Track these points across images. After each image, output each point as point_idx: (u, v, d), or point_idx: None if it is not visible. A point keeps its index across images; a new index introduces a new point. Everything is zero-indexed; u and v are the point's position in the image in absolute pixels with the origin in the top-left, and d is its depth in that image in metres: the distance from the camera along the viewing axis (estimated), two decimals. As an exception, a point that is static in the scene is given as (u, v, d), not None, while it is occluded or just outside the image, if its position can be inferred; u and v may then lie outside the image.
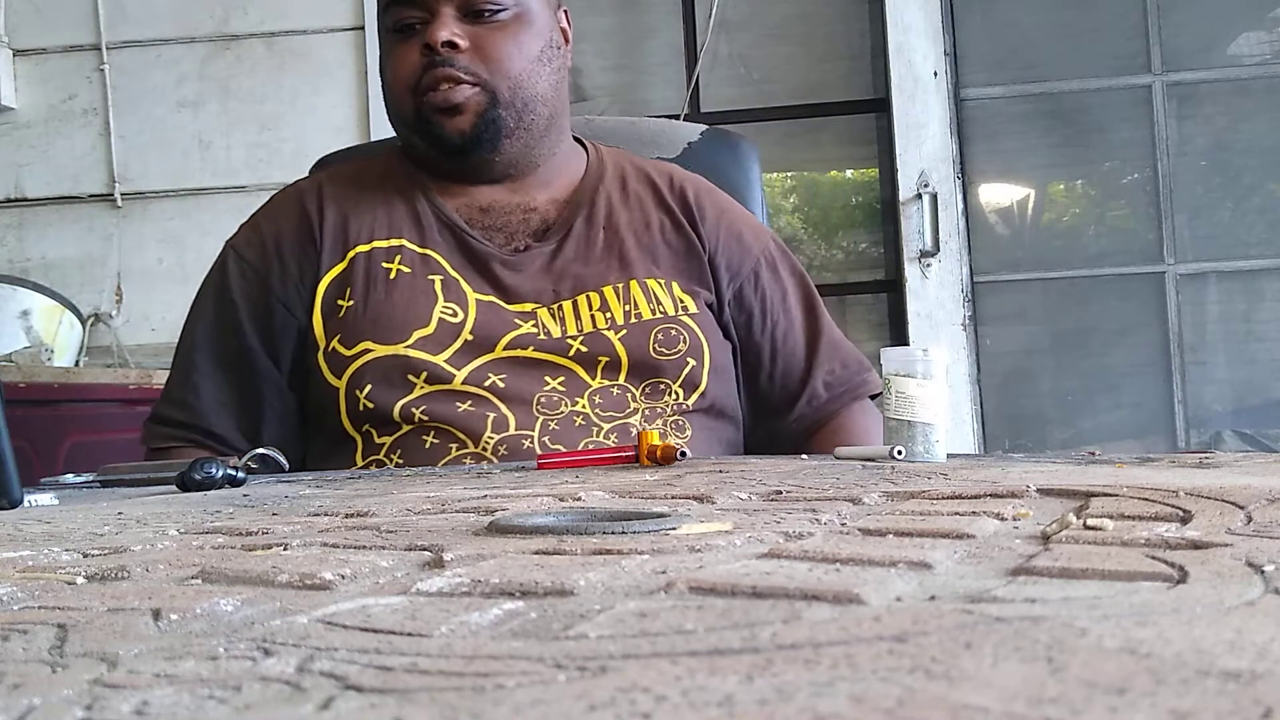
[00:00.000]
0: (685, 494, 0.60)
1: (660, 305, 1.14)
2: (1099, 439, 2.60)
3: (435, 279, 1.14)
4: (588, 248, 1.17)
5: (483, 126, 1.13)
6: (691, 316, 1.15)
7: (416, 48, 1.12)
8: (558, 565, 0.37)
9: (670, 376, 1.12)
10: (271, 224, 1.20)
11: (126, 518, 0.61)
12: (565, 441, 1.07)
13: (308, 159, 2.65)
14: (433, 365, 1.09)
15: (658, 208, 1.22)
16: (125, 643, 0.29)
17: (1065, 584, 0.32)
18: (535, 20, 1.15)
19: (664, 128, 1.47)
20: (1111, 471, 0.64)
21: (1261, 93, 2.58)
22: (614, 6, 2.76)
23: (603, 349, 1.11)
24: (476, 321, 1.12)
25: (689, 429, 1.13)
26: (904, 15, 2.58)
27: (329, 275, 1.15)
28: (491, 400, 1.08)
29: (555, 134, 1.20)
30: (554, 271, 1.16)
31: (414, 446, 1.09)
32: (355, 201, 1.19)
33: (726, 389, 1.18)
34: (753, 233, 1.24)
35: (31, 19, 2.74)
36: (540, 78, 1.15)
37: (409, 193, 1.20)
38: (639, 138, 1.44)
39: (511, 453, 1.06)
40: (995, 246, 2.65)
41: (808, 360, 1.21)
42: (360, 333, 1.11)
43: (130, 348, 2.65)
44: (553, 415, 1.09)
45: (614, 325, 1.13)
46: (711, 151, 1.42)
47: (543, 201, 1.20)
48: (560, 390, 1.10)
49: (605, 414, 1.10)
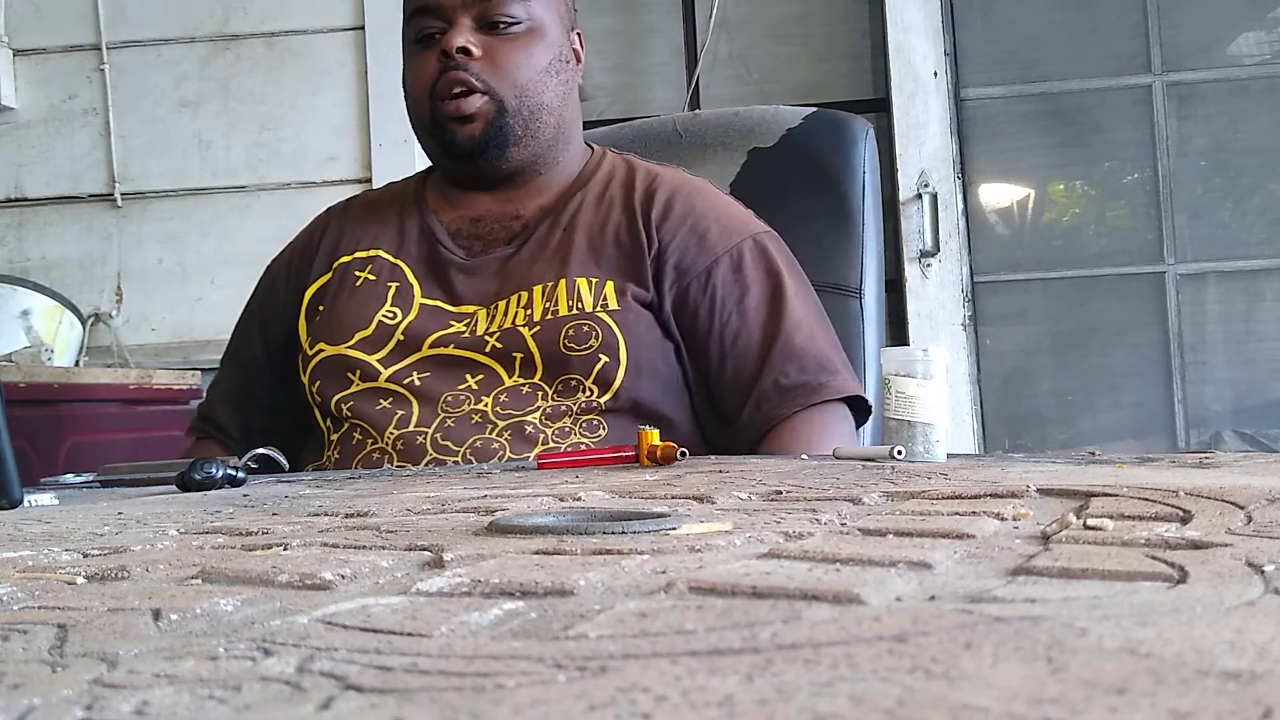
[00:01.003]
0: (685, 494, 0.60)
1: (579, 303, 1.15)
2: (1099, 439, 2.60)
3: (392, 285, 1.22)
4: (541, 250, 1.20)
5: (492, 133, 1.19)
6: (610, 314, 1.14)
7: (434, 55, 1.19)
8: (558, 565, 0.37)
9: (580, 372, 1.12)
10: (295, 242, 1.36)
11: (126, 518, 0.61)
12: (454, 438, 1.11)
13: (308, 159, 2.67)
14: (365, 363, 1.17)
15: (623, 209, 1.22)
16: (125, 643, 0.29)
17: (1065, 584, 0.32)
18: (547, 35, 1.21)
19: (766, 114, 1.40)
20: (1111, 471, 0.64)
21: (1261, 93, 2.58)
22: (614, 6, 2.76)
23: (516, 345, 1.14)
24: (411, 323, 1.18)
25: (604, 429, 1.12)
26: (904, 15, 2.58)
27: (315, 284, 1.27)
28: (407, 398, 1.14)
29: (562, 143, 1.25)
30: (503, 274, 1.20)
31: (346, 443, 1.16)
32: (357, 218, 1.31)
33: (654, 390, 1.15)
34: (722, 232, 1.20)
35: (31, 19, 2.74)
36: (547, 88, 1.21)
37: (407, 210, 1.29)
38: (739, 127, 1.39)
39: (407, 448, 1.11)
40: (995, 246, 2.65)
41: (759, 363, 1.16)
42: (320, 335, 1.22)
43: (130, 348, 2.65)
44: (453, 413, 1.12)
45: (530, 322, 1.15)
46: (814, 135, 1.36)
47: (530, 209, 1.24)
48: (472, 389, 1.14)
49: (505, 412, 1.12)
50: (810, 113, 1.39)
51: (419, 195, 1.30)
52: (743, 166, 1.33)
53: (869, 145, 1.38)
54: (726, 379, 1.17)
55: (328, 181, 2.63)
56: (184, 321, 2.64)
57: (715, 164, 1.40)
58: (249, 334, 1.34)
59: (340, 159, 2.64)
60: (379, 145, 2.60)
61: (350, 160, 2.63)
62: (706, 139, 1.35)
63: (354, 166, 2.61)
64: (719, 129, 1.38)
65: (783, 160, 1.31)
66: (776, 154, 1.32)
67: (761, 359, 1.16)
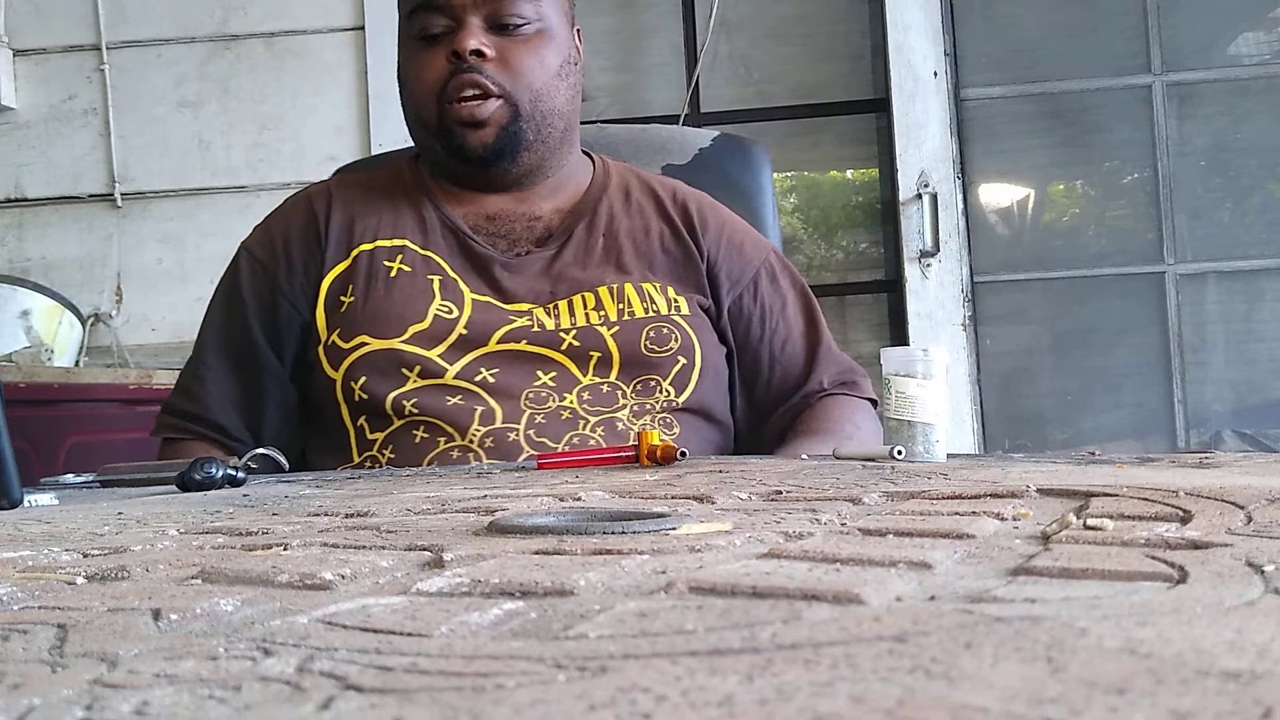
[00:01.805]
0: (685, 494, 0.60)
1: (654, 305, 1.17)
2: (1099, 439, 2.60)
3: (434, 279, 1.17)
4: (587, 253, 1.20)
5: (504, 139, 1.16)
6: (684, 317, 1.17)
7: (442, 55, 1.14)
8: (558, 565, 0.37)
9: (661, 373, 1.14)
10: (281, 225, 1.25)
11: (126, 518, 0.61)
12: (550, 435, 1.09)
13: (308, 159, 2.67)
14: (426, 359, 1.12)
15: (659, 217, 1.24)
16: (125, 643, 0.29)
17: (1065, 584, 0.32)
18: (556, 36, 1.18)
19: (675, 134, 1.48)
20: (1111, 471, 0.64)
21: (1261, 93, 2.58)
22: (614, 6, 2.76)
23: (595, 344, 1.13)
24: (471, 318, 1.14)
25: (677, 427, 1.14)
26: (904, 15, 2.58)
27: (333, 272, 1.19)
28: (481, 394, 1.11)
29: (568, 146, 1.24)
30: (552, 274, 1.18)
31: (405, 441, 1.11)
32: (363, 204, 1.24)
33: (717, 393, 1.20)
34: (754, 245, 1.27)
35: (31, 19, 2.74)
36: (559, 92, 1.19)
37: (416, 199, 1.24)
38: (649, 144, 1.44)
39: (497, 445, 1.08)
40: (995, 246, 2.65)
41: (807, 366, 1.24)
42: (358, 326, 1.15)
43: (130, 348, 2.65)
44: (540, 409, 1.11)
45: (607, 322, 1.15)
46: (723, 157, 1.43)
47: (548, 210, 1.23)
48: (550, 386, 1.12)
49: (593, 409, 1.11)
50: (717, 135, 1.47)
51: (422, 184, 1.24)
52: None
53: (769, 169, 1.47)
54: (775, 382, 1.24)
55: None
56: (184, 321, 2.64)
57: None
58: (241, 324, 1.21)
59: (340, 159, 2.64)
60: (379, 145, 2.60)
61: (350, 160, 2.63)
62: (618, 152, 1.38)
63: (354, 166, 2.61)
64: (630, 143, 1.45)
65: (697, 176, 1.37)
66: (691, 170, 1.38)
67: (809, 364, 1.24)
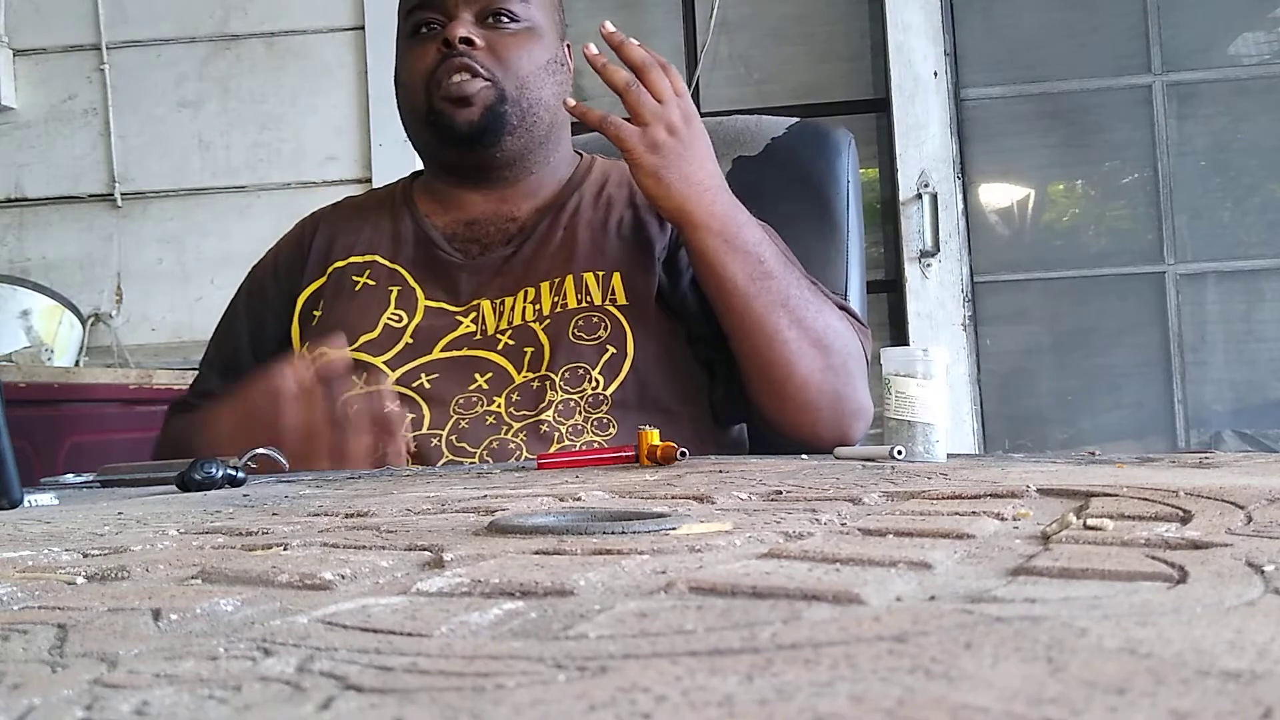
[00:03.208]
0: (685, 494, 0.60)
1: (588, 296, 1.17)
2: (1099, 439, 2.60)
3: (394, 290, 1.21)
4: (544, 247, 1.22)
5: (489, 118, 1.19)
6: (619, 308, 1.16)
7: (434, 47, 1.19)
8: (558, 565, 0.37)
9: (589, 361, 1.14)
10: (280, 245, 1.34)
11: (126, 518, 0.61)
12: (470, 440, 1.11)
13: (308, 159, 2.67)
14: (371, 366, 1.15)
15: (626, 205, 1.25)
16: (125, 643, 0.29)
17: (1065, 584, 0.32)
18: (544, 36, 1.23)
19: (750, 124, 1.42)
20: (1111, 471, 0.64)
21: (1261, 93, 2.58)
22: (614, 6, 2.76)
23: (528, 340, 1.15)
24: (419, 325, 1.18)
25: (614, 427, 1.11)
26: (904, 15, 2.58)
27: (309, 289, 1.25)
28: (416, 400, 1.13)
29: (552, 144, 1.26)
30: (505, 271, 1.21)
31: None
32: (347, 223, 1.29)
33: (660, 381, 1.16)
34: None
35: (31, 19, 2.74)
36: (544, 85, 1.22)
37: (399, 214, 1.28)
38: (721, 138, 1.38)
39: (419, 451, 1.11)
40: (995, 246, 2.65)
41: None
42: (320, 338, 1.19)
43: (130, 348, 2.65)
44: (466, 414, 1.13)
45: (540, 317, 1.16)
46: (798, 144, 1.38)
47: (525, 210, 1.25)
48: (483, 389, 1.14)
49: (519, 413, 1.12)
50: (794, 123, 1.41)
51: (408, 198, 1.29)
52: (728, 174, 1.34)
53: (851, 155, 1.41)
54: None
55: (328, 181, 2.63)
56: (184, 321, 2.65)
57: None
58: (233, 337, 1.31)
59: (340, 159, 2.64)
60: (379, 145, 2.60)
61: (350, 160, 2.63)
62: None
63: (354, 166, 2.62)
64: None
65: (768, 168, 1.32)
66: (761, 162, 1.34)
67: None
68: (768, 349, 1.10)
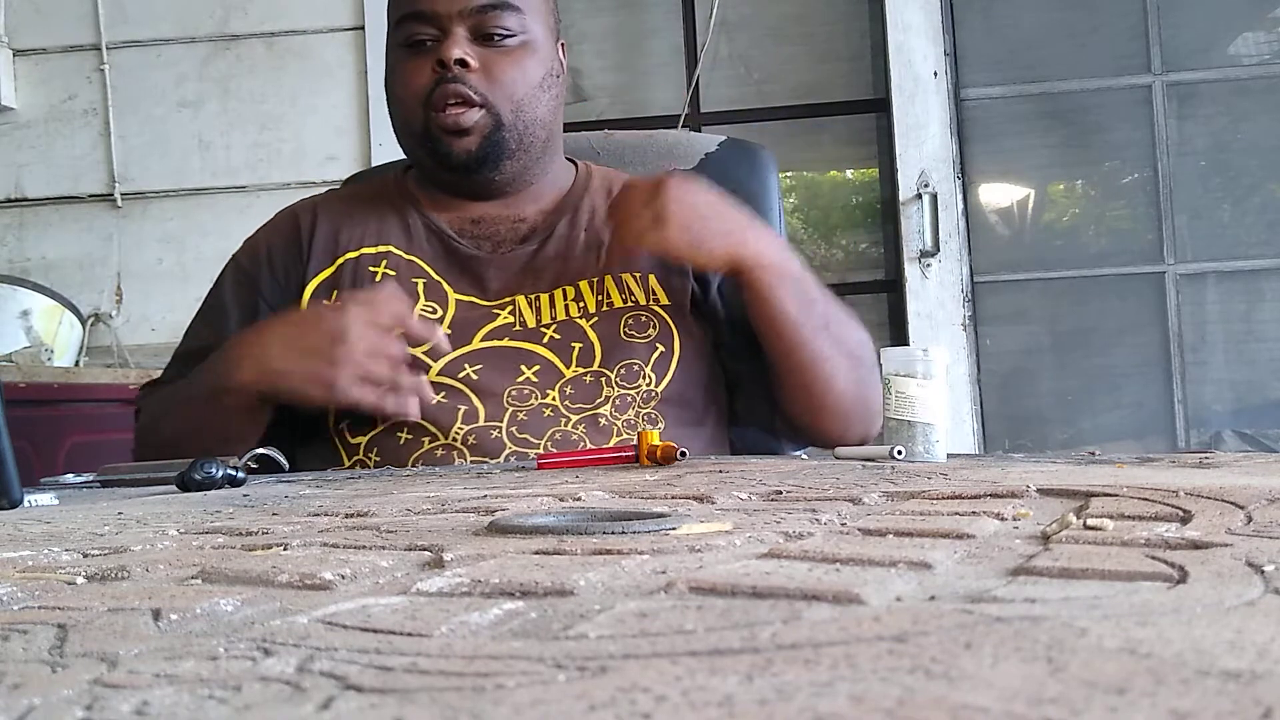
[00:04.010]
0: (685, 494, 0.60)
1: (633, 296, 1.18)
2: (1099, 439, 2.60)
3: (419, 282, 1.19)
4: (568, 247, 1.21)
5: (488, 148, 1.18)
6: (663, 308, 1.18)
7: (428, 64, 1.16)
8: (558, 565, 0.37)
9: (641, 358, 1.15)
10: (266, 236, 1.29)
11: (126, 518, 0.61)
12: (532, 432, 1.10)
13: (308, 159, 2.67)
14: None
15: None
16: (125, 643, 0.29)
17: (1065, 584, 0.32)
18: (540, 49, 1.20)
19: (681, 139, 1.47)
20: (1111, 471, 0.64)
21: (1261, 93, 2.58)
22: (614, 6, 2.76)
23: (575, 336, 1.15)
24: (455, 317, 1.16)
25: (662, 422, 1.13)
26: (904, 15, 2.58)
27: (316, 279, 1.21)
28: (464, 392, 1.11)
29: (550, 154, 1.26)
30: (533, 269, 1.20)
31: (389, 444, 1.11)
32: (348, 214, 1.26)
33: (698, 383, 1.18)
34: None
35: (31, 19, 2.74)
36: (540, 103, 1.20)
37: (401, 206, 1.26)
38: (655, 149, 1.44)
39: (480, 443, 1.09)
40: (995, 246, 2.65)
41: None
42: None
43: (130, 348, 2.65)
44: (522, 407, 1.11)
45: (586, 314, 1.16)
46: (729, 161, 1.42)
47: (532, 212, 1.25)
48: (533, 381, 1.13)
49: (575, 405, 1.12)
50: (723, 139, 1.45)
51: (407, 192, 1.27)
52: None
53: (775, 175, 1.45)
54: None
55: (327, 181, 2.63)
56: (184, 321, 2.61)
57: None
58: (220, 330, 1.23)
59: (340, 159, 2.64)
60: (379, 145, 2.60)
61: (350, 160, 2.63)
62: (624, 157, 1.39)
63: (354, 166, 2.61)
64: (635, 149, 1.44)
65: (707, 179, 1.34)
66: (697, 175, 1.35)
67: None
68: (813, 367, 1.12)
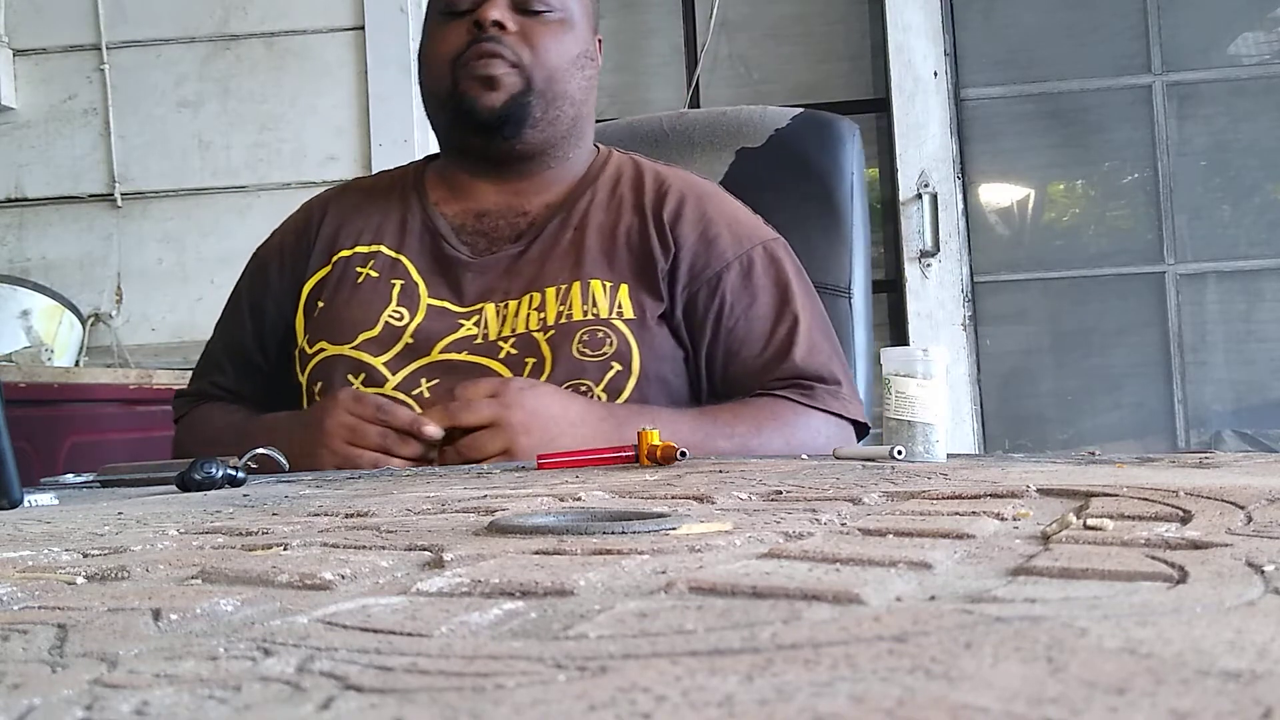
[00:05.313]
0: (685, 494, 0.60)
1: (595, 308, 1.14)
2: (1099, 439, 2.60)
3: (397, 283, 1.19)
4: (553, 248, 1.19)
5: (513, 107, 1.17)
6: (626, 322, 1.14)
7: (464, 26, 1.17)
8: (558, 565, 0.37)
9: (592, 378, 1.11)
10: (284, 229, 1.31)
11: (126, 518, 0.61)
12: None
13: (308, 159, 2.67)
14: (370, 367, 1.14)
15: (633, 210, 1.22)
16: (125, 643, 0.29)
17: (1065, 584, 0.32)
18: (577, 28, 1.21)
19: (754, 114, 1.41)
20: (1111, 471, 0.64)
21: (1261, 93, 2.58)
22: (614, 6, 2.76)
23: (531, 351, 1.13)
24: (420, 325, 1.16)
25: None
26: (904, 15, 2.58)
27: (314, 278, 1.23)
28: (416, 408, 1.09)
29: (575, 138, 1.24)
30: (513, 271, 1.18)
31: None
32: (355, 209, 1.27)
33: (661, 402, 1.14)
34: (734, 239, 1.20)
35: (31, 19, 2.74)
36: (572, 80, 1.20)
37: (408, 201, 1.25)
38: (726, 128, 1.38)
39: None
40: (995, 246, 2.65)
41: (763, 371, 1.16)
42: (320, 332, 1.18)
43: (130, 348, 2.65)
44: None
45: (544, 326, 1.14)
46: (802, 136, 1.36)
47: (536, 205, 1.23)
48: None
49: None
50: (798, 113, 1.39)
51: (419, 185, 1.27)
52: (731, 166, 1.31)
53: (856, 145, 1.38)
54: (728, 387, 1.17)
55: (328, 182, 2.62)
56: (184, 321, 2.64)
57: (703, 163, 1.39)
58: (237, 322, 1.29)
59: (340, 159, 2.64)
60: (379, 145, 2.60)
61: (350, 160, 2.63)
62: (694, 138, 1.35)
63: (354, 166, 2.61)
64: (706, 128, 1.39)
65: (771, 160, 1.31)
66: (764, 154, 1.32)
67: (765, 368, 1.16)
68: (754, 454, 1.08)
